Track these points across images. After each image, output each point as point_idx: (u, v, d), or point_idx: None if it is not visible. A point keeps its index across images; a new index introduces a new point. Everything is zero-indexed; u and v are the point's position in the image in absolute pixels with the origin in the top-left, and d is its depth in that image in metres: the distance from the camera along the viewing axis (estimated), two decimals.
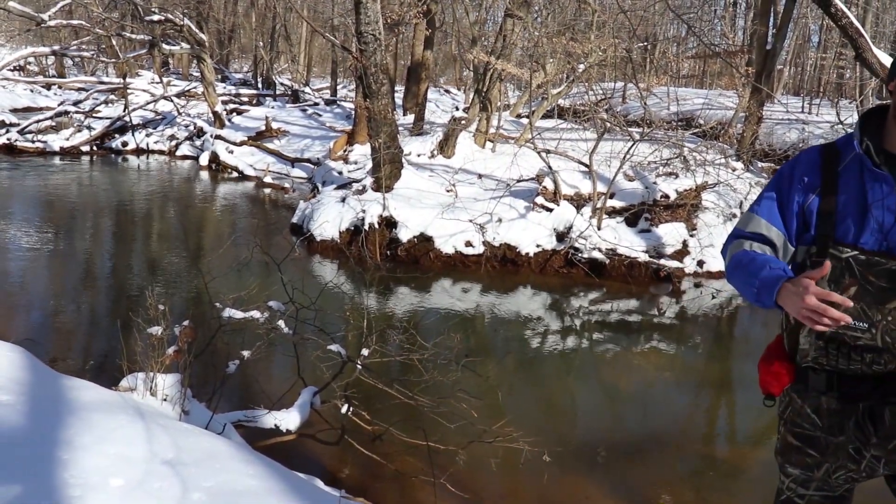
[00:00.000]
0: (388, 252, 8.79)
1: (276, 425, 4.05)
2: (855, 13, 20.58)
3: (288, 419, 4.09)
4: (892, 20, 27.72)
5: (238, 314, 4.44)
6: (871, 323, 2.20)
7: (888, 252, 2.16)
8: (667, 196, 8.96)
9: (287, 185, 13.95)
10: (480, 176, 10.49)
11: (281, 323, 4.49)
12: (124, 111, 17.98)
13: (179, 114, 19.00)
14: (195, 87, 21.01)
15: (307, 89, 26.13)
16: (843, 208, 2.24)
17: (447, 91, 28.45)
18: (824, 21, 23.50)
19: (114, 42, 19.35)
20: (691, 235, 8.88)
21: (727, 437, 5.38)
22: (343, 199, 9.51)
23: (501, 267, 8.58)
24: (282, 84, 27.06)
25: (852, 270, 2.20)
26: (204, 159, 16.26)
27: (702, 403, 5.83)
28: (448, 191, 9.79)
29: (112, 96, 19.86)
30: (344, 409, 4.25)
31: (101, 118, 18.50)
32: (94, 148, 17.26)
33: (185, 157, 17.07)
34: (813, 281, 2.04)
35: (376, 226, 8.82)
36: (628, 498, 4.18)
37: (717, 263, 8.79)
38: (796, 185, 2.35)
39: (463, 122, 12.07)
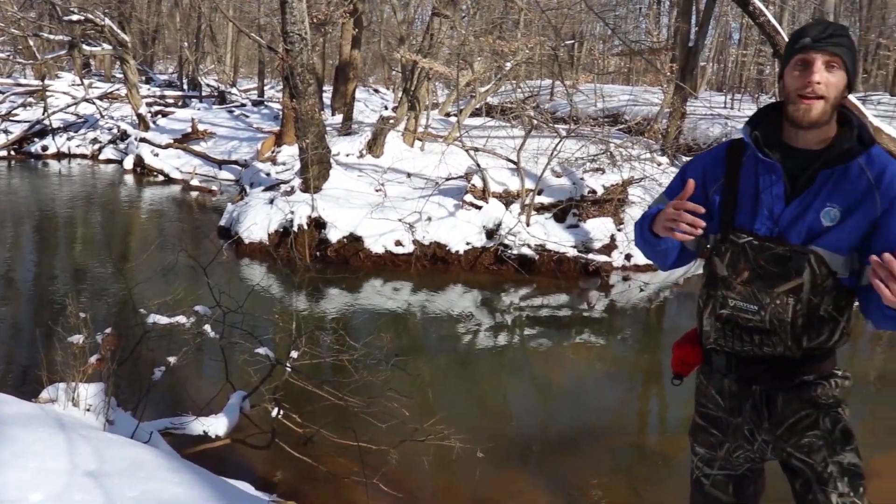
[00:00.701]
0: (318, 253, 8.74)
1: (204, 431, 3.99)
2: (772, 11, 21.08)
3: (216, 425, 4.03)
4: (808, 18, 28.47)
5: (163, 320, 4.37)
6: (761, 305, 2.31)
7: (778, 238, 2.27)
8: (594, 191, 9.08)
9: (214, 187, 13.77)
10: (409, 175, 10.49)
11: (207, 327, 4.42)
12: (44, 114, 17.53)
13: (102, 116, 18.60)
14: (118, 89, 20.57)
15: (234, 90, 25.79)
16: (741, 197, 2.36)
17: (376, 91, 28.40)
18: (744, 19, 24.00)
19: (31, 43, 18.86)
20: (618, 230, 9.00)
21: (658, 426, 5.46)
22: (271, 201, 9.42)
23: (432, 265, 8.59)
24: (208, 85, 26.68)
25: (747, 255, 2.32)
26: (128, 163, 15.94)
27: (633, 395, 5.91)
28: (377, 190, 9.77)
29: (31, 99, 19.32)
30: (274, 413, 4.21)
31: (18, 121, 17.99)
32: (12, 153, 16.82)
33: (108, 161, 16.73)
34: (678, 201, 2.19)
35: (305, 227, 8.76)
36: (562, 491, 4.21)
37: (644, 257, 8.91)
38: (702, 176, 2.47)
39: (391, 121, 12.05)
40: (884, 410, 5.74)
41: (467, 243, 8.58)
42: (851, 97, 12.60)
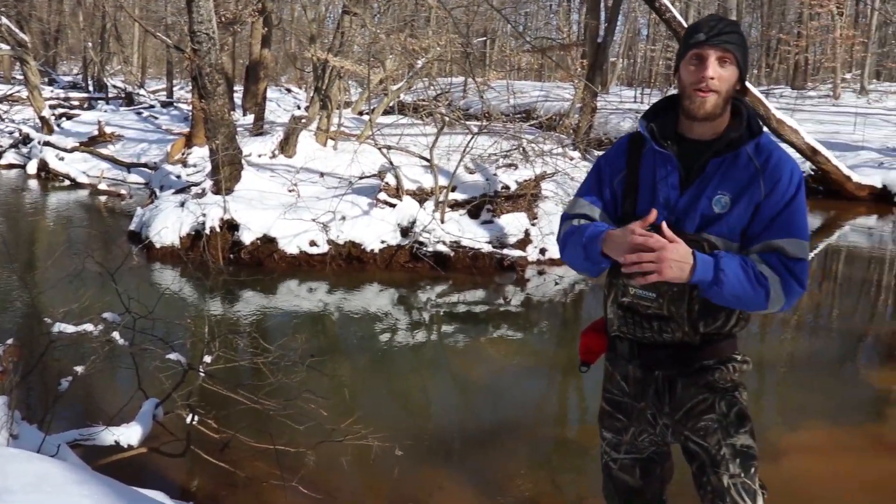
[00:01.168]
0: (231, 255, 8.62)
1: (116, 441, 3.90)
2: (678, 8, 21.56)
3: (129, 434, 3.94)
4: (713, 13, 29.18)
5: (70, 328, 4.25)
6: (659, 293, 2.38)
7: (674, 226, 2.33)
8: (507, 187, 9.15)
9: (123, 191, 13.46)
10: (322, 174, 10.43)
11: (116, 335, 4.32)
12: None
13: (2, 120, 18.00)
14: (19, 91, 19.94)
15: (142, 91, 25.27)
16: (641, 188, 2.45)
17: (289, 90, 28.13)
18: (652, 15, 24.53)
19: None
20: (532, 224, 9.10)
21: (577, 416, 5.54)
22: (182, 204, 9.25)
23: (347, 265, 8.56)
24: (115, 86, 26.07)
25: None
26: (32, 167, 15.46)
27: (551, 386, 5.98)
28: (290, 191, 9.69)
29: None
30: (189, 419, 4.14)
31: None
32: None
33: (10, 166, 16.21)
34: (637, 226, 2.21)
35: (218, 229, 8.63)
36: (482, 485, 4.23)
37: (558, 250, 9.03)
38: (608, 169, 2.56)
39: (303, 120, 11.95)
40: (792, 391, 5.94)
41: (382, 242, 8.57)
42: (755, 90, 13.04)
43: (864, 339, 7.40)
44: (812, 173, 15.75)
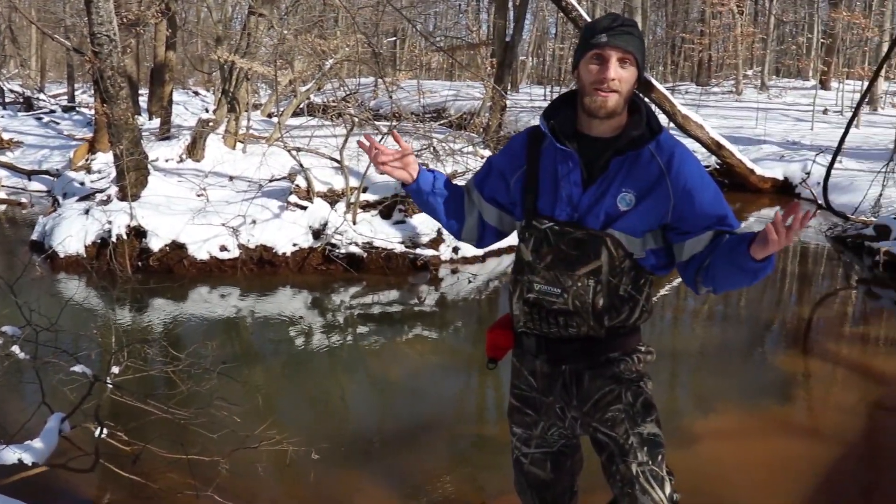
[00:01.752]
0: (140, 263, 8.43)
1: (19, 459, 3.77)
2: (585, 6, 21.90)
3: (33, 451, 3.81)
4: (618, 12, 29.73)
5: None
6: (564, 288, 2.44)
7: (577, 223, 2.40)
8: None
9: (24, 199, 13.04)
10: (231, 178, 10.28)
11: (16, 348, 4.19)
12: None
13: None
14: None
15: (42, 95, 24.52)
16: (542, 184, 2.48)
17: (196, 93, 27.65)
18: (560, 14, 24.85)
19: None
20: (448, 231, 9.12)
21: (494, 413, 5.55)
22: (87, 211, 9.01)
23: (259, 269, 8.46)
24: (12, 91, 25.21)
25: (549, 240, 2.45)
26: None
27: (469, 384, 6.02)
28: (199, 195, 9.53)
29: None
30: (97, 433, 4.02)
31: None
32: None
33: None
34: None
35: (125, 236, 8.43)
36: (402, 485, 4.23)
37: (471, 249, 9.09)
38: (506, 163, 2.62)
39: (211, 123, 11.76)
40: (704, 378, 6.14)
41: (294, 244, 8.49)
42: (661, 87, 13.30)
43: (771, 326, 7.65)
44: (717, 167, 16.18)
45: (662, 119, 15.49)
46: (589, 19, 13.70)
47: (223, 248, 8.39)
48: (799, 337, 7.37)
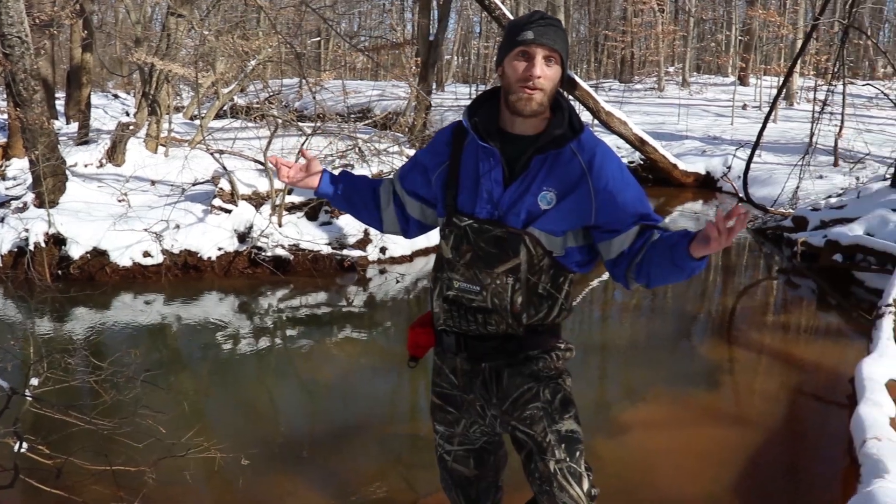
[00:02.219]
0: (60, 271, 8.21)
1: None
2: (508, 5, 22.04)
3: None
4: (542, 10, 30.00)
5: None
6: (483, 286, 2.45)
7: (497, 221, 2.39)
8: None
9: None
10: (154, 182, 10.10)
11: None
12: None
13: None
14: None
15: None
16: (463, 181, 2.48)
17: (116, 96, 27.03)
18: (484, 13, 24.93)
19: None
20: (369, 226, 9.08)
21: (426, 413, 5.54)
22: (2, 219, 8.75)
23: (184, 274, 8.32)
24: None
25: (468, 238, 2.45)
26: None
27: (400, 384, 5.99)
28: (120, 200, 9.33)
29: None
30: (17, 447, 3.92)
31: None
32: None
33: None
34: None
35: (43, 244, 8.21)
36: (335, 487, 4.19)
37: (398, 249, 9.09)
38: (430, 158, 2.62)
39: (131, 127, 11.53)
40: (634, 370, 6.24)
41: (219, 249, 8.37)
42: (584, 84, 13.44)
43: (697, 317, 7.81)
44: (641, 163, 16.46)
45: (586, 116, 15.71)
46: (511, 17, 13.79)
47: (146, 254, 8.23)
48: (723, 327, 7.54)
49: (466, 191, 2.47)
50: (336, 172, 2.82)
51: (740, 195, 12.79)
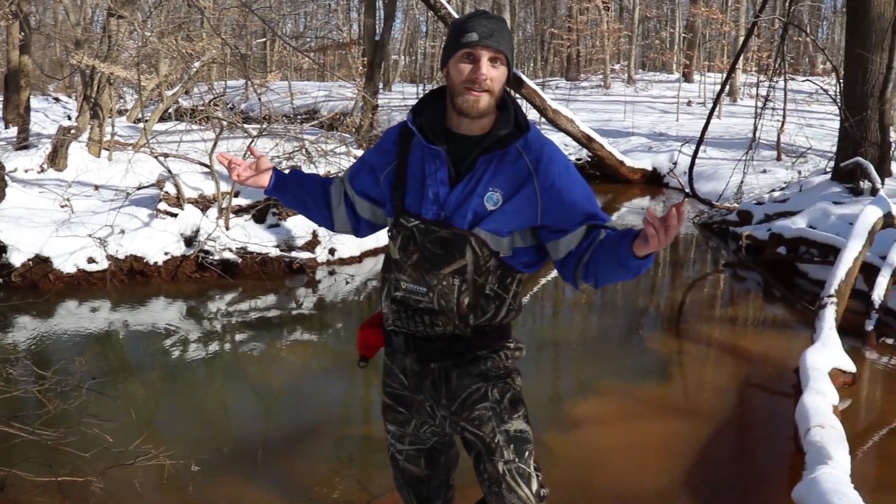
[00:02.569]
0: (1, 280, 8.03)
1: None
2: (454, 4, 22.08)
3: None
4: (487, 10, 30.10)
5: None
6: (429, 287, 2.44)
7: (444, 222, 2.38)
8: None
9: None
10: (97, 187, 9.92)
11: None
12: None
13: None
14: None
15: None
16: (410, 181, 2.48)
17: (56, 99, 26.51)
18: (429, 12, 24.96)
19: None
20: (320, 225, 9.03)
21: (379, 413, 5.50)
22: None
23: (130, 280, 8.18)
24: None
25: (415, 239, 2.45)
26: None
27: (353, 385, 5.97)
28: (63, 206, 9.15)
29: None
30: None
31: None
32: None
33: None
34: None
35: None
36: (289, 491, 4.16)
37: (347, 250, 9.06)
38: (378, 158, 2.61)
39: (73, 131, 11.32)
40: (586, 365, 6.33)
41: (166, 253, 8.26)
42: (531, 83, 13.51)
43: (647, 312, 7.91)
44: (589, 160, 16.60)
45: (533, 115, 15.78)
46: (457, 17, 13.81)
47: (91, 260, 8.09)
48: (672, 321, 7.65)
49: (413, 191, 2.46)
50: (287, 171, 2.80)
51: (686, 190, 12.96)
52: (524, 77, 15.33)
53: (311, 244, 8.81)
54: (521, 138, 2.40)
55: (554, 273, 8.43)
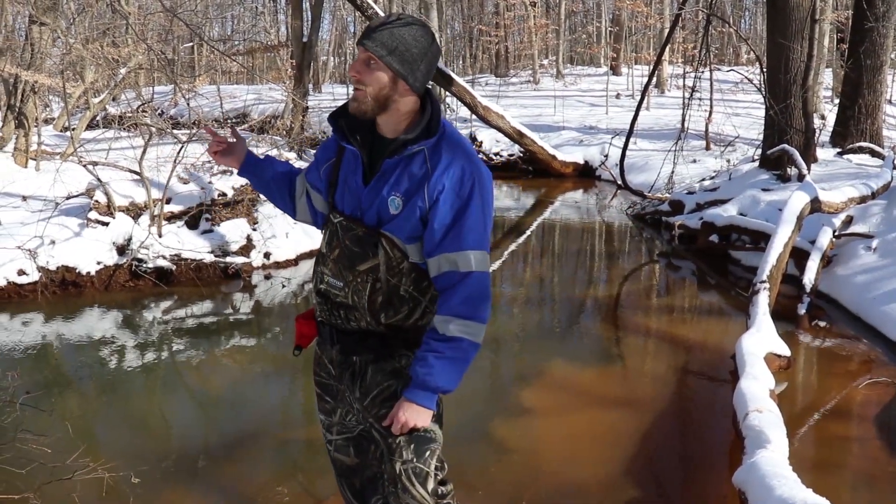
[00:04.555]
0: None
1: None
2: (381, 5, 22.01)
3: None
4: (415, 10, 30.09)
5: None
6: (345, 282, 2.49)
7: (359, 219, 2.43)
8: (224, 194, 9.00)
9: None
10: (25, 198, 9.70)
11: None
12: None
13: None
14: None
15: None
16: (340, 178, 2.54)
17: None
18: (357, 12, 24.92)
19: None
20: (254, 229, 8.98)
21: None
22: None
23: (63, 291, 8.03)
24: None
25: (338, 235, 2.53)
26: None
27: (293, 388, 5.96)
28: None
29: None
30: None
31: None
32: None
33: None
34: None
35: None
36: (232, 498, 4.15)
37: (283, 253, 9.02)
38: (323, 155, 2.67)
39: None
40: (528, 358, 6.44)
41: (98, 262, 8.12)
42: (461, 80, 13.50)
43: (585, 304, 8.02)
44: (521, 155, 16.75)
45: (465, 112, 15.83)
46: (384, 16, 13.77)
47: (21, 272, 7.91)
48: (610, 311, 7.77)
49: (341, 189, 2.53)
50: (262, 157, 2.88)
51: (618, 182, 13.15)
52: (453, 75, 15.37)
53: (246, 248, 8.75)
54: (426, 143, 2.38)
55: (491, 268, 8.52)
